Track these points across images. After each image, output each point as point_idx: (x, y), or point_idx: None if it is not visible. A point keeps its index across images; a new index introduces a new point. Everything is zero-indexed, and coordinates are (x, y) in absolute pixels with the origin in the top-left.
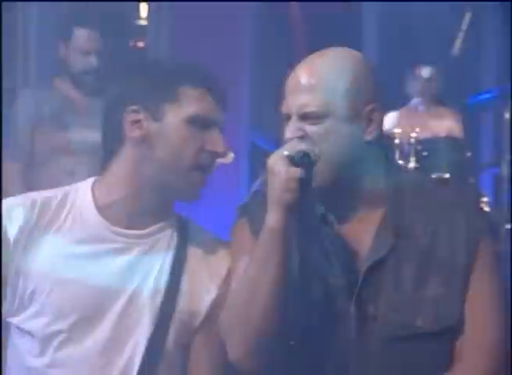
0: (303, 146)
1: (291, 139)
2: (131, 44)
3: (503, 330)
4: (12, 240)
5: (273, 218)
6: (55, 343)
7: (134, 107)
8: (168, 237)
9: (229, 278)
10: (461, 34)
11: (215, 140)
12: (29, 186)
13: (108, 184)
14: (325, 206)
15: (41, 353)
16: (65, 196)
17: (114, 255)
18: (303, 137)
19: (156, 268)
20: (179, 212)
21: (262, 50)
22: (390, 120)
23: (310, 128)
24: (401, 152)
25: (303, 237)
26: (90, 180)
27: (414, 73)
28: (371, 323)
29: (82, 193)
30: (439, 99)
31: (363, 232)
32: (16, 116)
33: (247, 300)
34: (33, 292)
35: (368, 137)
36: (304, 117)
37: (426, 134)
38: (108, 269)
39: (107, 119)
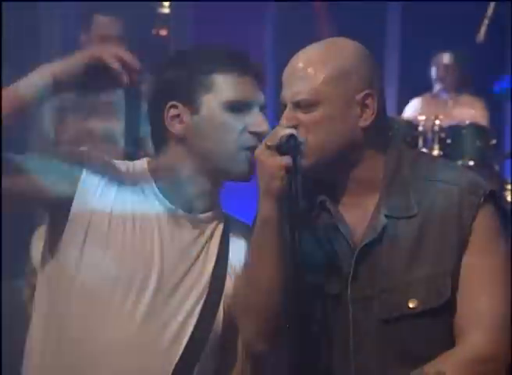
0: (286, 131)
1: (280, 126)
2: (154, 32)
3: (505, 304)
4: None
5: (263, 207)
6: (103, 319)
7: (173, 102)
8: (216, 224)
9: None
10: (486, 21)
11: (257, 121)
12: None
13: (162, 168)
14: (322, 192)
15: (87, 329)
16: (127, 170)
17: (168, 235)
18: (295, 126)
19: (205, 252)
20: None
21: (285, 38)
22: (413, 107)
23: (303, 116)
24: (424, 140)
25: (297, 222)
26: (145, 160)
27: (436, 60)
28: (366, 304)
29: (140, 171)
30: (462, 86)
31: (360, 217)
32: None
33: (247, 287)
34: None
35: (363, 124)
36: (297, 105)
37: (450, 121)
38: (164, 248)
39: (150, 116)
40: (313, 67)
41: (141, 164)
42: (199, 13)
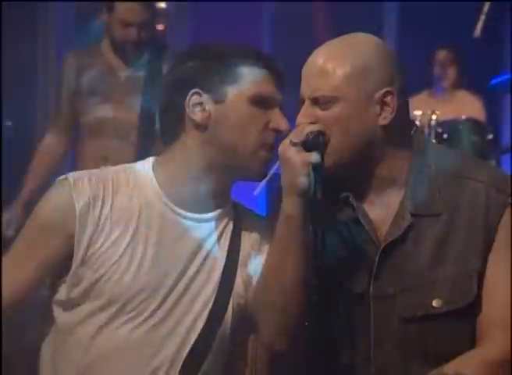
0: (313, 128)
1: (302, 123)
2: None
3: None
4: (78, 211)
5: (288, 204)
6: (113, 323)
7: (196, 89)
8: (226, 222)
9: None
10: (482, 16)
11: (278, 119)
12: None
13: (170, 167)
14: (346, 188)
15: (98, 332)
16: (128, 175)
17: (176, 237)
18: (312, 123)
19: (215, 252)
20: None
21: (284, 35)
22: (410, 104)
23: (321, 113)
24: None
25: (319, 220)
26: (150, 160)
27: (434, 56)
28: (389, 303)
29: (144, 173)
30: (460, 82)
31: (384, 214)
32: (60, 81)
33: (270, 286)
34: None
35: (383, 122)
36: (316, 102)
37: (446, 117)
38: (170, 250)
39: (168, 102)
40: (332, 63)
41: (145, 165)
42: (196, 9)
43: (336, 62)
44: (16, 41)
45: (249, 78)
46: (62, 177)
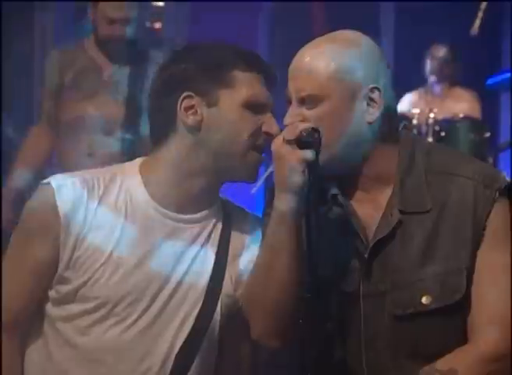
0: (306, 125)
1: (290, 124)
2: (148, 25)
3: None
4: (62, 216)
5: (281, 202)
6: (102, 325)
7: (188, 93)
8: (214, 222)
9: None
10: (480, 14)
11: (270, 123)
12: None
13: (158, 168)
14: (336, 187)
15: (87, 333)
16: (114, 176)
17: (163, 239)
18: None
19: (203, 252)
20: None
21: (280, 32)
22: (407, 101)
23: (308, 113)
24: (419, 133)
25: (312, 217)
26: (137, 161)
27: (431, 53)
28: (379, 300)
29: (130, 175)
30: (457, 79)
31: (373, 211)
32: (44, 78)
33: (262, 284)
34: (82, 267)
35: (370, 118)
36: (302, 101)
37: (444, 115)
38: (158, 253)
39: (158, 103)
40: (318, 62)
41: (132, 166)
42: (193, 7)
43: (321, 61)
44: (12, 41)
45: (242, 82)
46: (45, 181)
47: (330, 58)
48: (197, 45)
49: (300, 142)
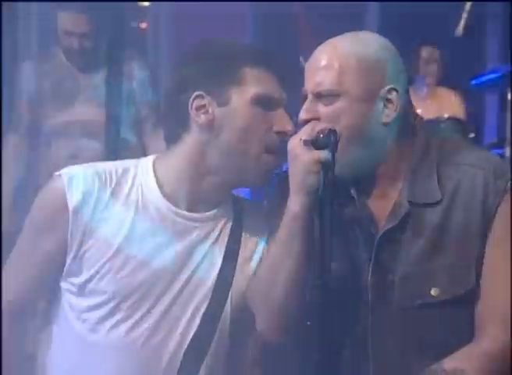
0: (323, 126)
1: (304, 119)
2: (134, 25)
3: None
4: (71, 207)
5: (295, 203)
6: (110, 320)
7: (199, 92)
8: (225, 220)
9: None
10: (465, 14)
11: (282, 119)
12: (33, 164)
13: (171, 166)
14: (349, 182)
15: (95, 330)
16: (126, 171)
17: (173, 237)
18: (315, 119)
19: (213, 250)
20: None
21: (265, 33)
22: None
23: (323, 109)
24: None
25: (326, 216)
26: (151, 158)
27: (414, 53)
28: (387, 291)
29: (144, 171)
30: (441, 80)
31: (385, 204)
32: (18, 90)
33: (270, 280)
34: (91, 260)
35: (386, 119)
36: (319, 97)
37: (428, 115)
38: (167, 250)
39: (170, 104)
40: (336, 58)
41: (146, 163)
42: (178, 7)
43: (340, 57)
44: None
45: (251, 78)
46: (56, 173)
47: (351, 54)
48: (205, 43)
49: (317, 143)
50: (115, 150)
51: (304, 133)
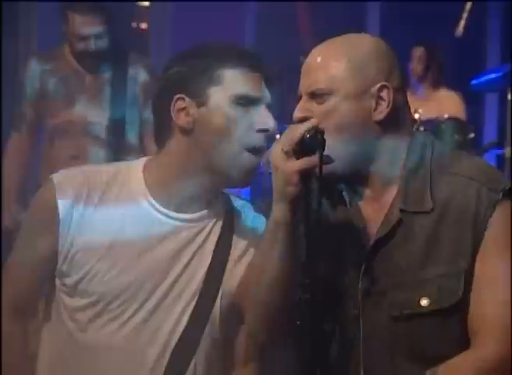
0: (307, 126)
1: (298, 117)
2: (134, 25)
3: None
4: (61, 210)
5: (277, 211)
6: (98, 321)
7: (180, 95)
8: (215, 221)
9: None
10: (465, 14)
11: (263, 117)
12: (37, 164)
13: (158, 168)
14: (343, 184)
15: (85, 329)
16: (117, 173)
17: (162, 238)
18: (310, 117)
19: (202, 251)
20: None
21: (267, 35)
22: None
23: (316, 108)
24: None
25: (312, 221)
26: (142, 160)
27: (412, 53)
28: (377, 300)
29: (133, 172)
30: (440, 80)
31: (377, 210)
32: (22, 89)
33: (254, 283)
34: (80, 261)
35: (378, 117)
36: (312, 95)
37: (428, 116)
38: (155, 251)
39: (157, 107)
40: (329, 58)
41: (136, 164)
42: (180, 8)
43: (333, 57)
44: None
45: (231, 78)
46: (50, 176)
47: (342, 54)
48: (191, 48)
49: (304, 145)
50: (117, 151)
51: (285, 141)
